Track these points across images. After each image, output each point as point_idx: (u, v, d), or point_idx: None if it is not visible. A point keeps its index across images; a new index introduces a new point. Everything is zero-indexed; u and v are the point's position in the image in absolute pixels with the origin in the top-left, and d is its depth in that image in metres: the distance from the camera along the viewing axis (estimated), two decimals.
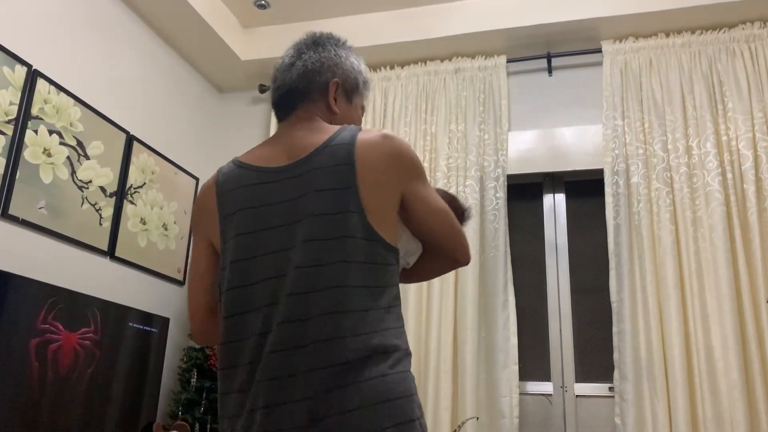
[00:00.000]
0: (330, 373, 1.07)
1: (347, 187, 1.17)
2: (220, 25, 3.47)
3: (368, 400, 1.06)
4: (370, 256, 1.16)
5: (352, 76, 1.38)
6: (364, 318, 1.12)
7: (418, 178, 1.27)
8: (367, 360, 1.09)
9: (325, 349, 1.08)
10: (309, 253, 1.14)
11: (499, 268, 3.12)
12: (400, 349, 1.15)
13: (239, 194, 1.26)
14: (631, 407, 2.79)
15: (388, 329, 1.14)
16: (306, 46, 1.37)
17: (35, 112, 2.57)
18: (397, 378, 1.11)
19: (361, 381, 1.07)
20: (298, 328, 1.11)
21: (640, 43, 3.24)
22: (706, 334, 2.76)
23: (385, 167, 1.21)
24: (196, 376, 3.07)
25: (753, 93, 3.00)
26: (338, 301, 1.11)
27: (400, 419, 1.07)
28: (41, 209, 2.57)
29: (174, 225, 3.43)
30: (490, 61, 3.44)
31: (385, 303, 1.16)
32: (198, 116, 3.78)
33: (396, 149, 1.24)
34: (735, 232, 2.85)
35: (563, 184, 3.41)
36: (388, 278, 1.18)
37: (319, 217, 1.16)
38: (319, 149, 1.22)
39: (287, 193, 1.21)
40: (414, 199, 1.25)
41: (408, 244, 1.33)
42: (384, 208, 1.20)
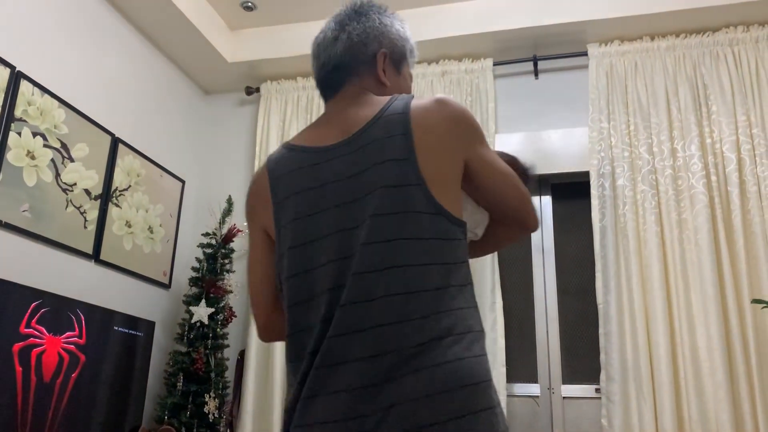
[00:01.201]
0: (395, 358, 0.98)
1: (405, 157, 1.09)
2: (207, 26, 3.45)
3: (444, 386, 0.96)
4: (437, 231, 1.07)
5: (399, 45, 1.30)
6: (433, 298, 1.03)
7: (479, 141, 1.18)
8: (439, 343, 1.00)
9: (389, 333, 1.00)
10: (374, 230, 1.06)
11: (486, 270, 3.13)
12: (474, 330, 1.05)
13: (293, 177, 1.19)
14: (617, 408, 2.81)
15: (461, 309, 1.05)
16: (348, 18, 1.28)
17: (19, 114, 2.54)
18: (474, 362, 1.01)
19: (435, 365, 0.98)
20: (361, 309, 1.03)
21: (625, 47, 3.27)
22: (691, 335, 2.79)
23: (443, 133, 1.12)
24: (183, 380, 3.04)
25: (736, 96, 3.03)
26: (404, 281, 1.03)
27: (481, 406, 0.98)
28: (25, 212, 2.54)
29: (160, 228, 3.40)
30: (477, 64, 3.45)
31: (456, 281, 1.07)
32: (184, 118, 3.76)
33: (453, 113, 1.15)
34: (719, 234, 2.88)
35: (549, 187, 3.43)
36: (457, 254, 1.09)
37: (380, 191, 1.08)
38: (372, 121, 1.15)
39: (343, 170, 1.13)
40: (478, 163, 1.17)
41: (474, 215, 1.25)
42: (446, 178, 1.11)
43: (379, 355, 0.99)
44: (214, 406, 3.04)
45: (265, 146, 3.63)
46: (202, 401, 3.02)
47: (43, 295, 2.39)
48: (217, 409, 3.05)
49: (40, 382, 2.32)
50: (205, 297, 3.19)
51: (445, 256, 1.07)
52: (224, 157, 3.84)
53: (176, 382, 3.04)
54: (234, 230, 3.39)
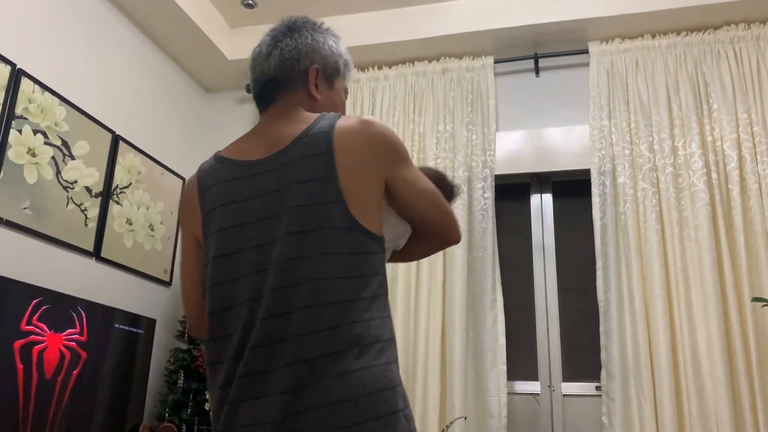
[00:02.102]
0: (310, 366, 1.06)
1: (326, 177, 1.14)
2: (207, 24, 3.45)
3: (349, 393, 1.04)
4: (352, 246, 1.13)
5: (332, 60, 1.34)
6: (346, 309, 1.10)
7: (401, 161, 1.23)
8: (348, 352, 1.07)
9: (305, 343, 1.07)
10: (289, 247, 1.12)
11: (487, 268, 3.13)
12: (382, 340, 1.12)
13: (219, 189, 1.24)
14: (618, 406, 2.81)
15: (372, 319, 1.12)
16: (282, 34, 1.34)
17: (19, 112, 2.55)
18: (379, 370, 1.09)
19: (342, 374, 1.05)
20: (280, 322, 1.09)
21: (626, 44, 3.27)
22: (691, 332, 2.79)
23: (365, 154, 1.18)
24: (183, 377, 3.05)
25: (737, 94, 3.03)
26: (319, 294, 1.09)
27: (383, 411, 1.05)
28: (26, 209, 2.54)
29: (160, 225, 3.41)
30: (478, 62, 3.45)
31: (369, 293, 1.13)
32: (185, 116, 3.76)
33: (376, 134, 1.20)
34: (720, 231, 2.88)
35: (550, 185, 3.43)
36: (371, 267, 1.16)
37: (299, 209, 1.14)
38: (298, 139, 1.19)
39: (266, 186, 1.19)
40: (399, 183, 1.23)
41: (396, 227, 1.31)
42: (366, 196, 1.17)
43: (295, 363, 1.06)
44: None
45: None
46: (203, 398, 3.02)
47: (44, 293, 2.39)
48: None
49: (41, 379, 2.32)
50: None
51: (359, 269, 1.14)
52: None
53: (177, 379, 3.05)
54: None
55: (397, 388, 1.11)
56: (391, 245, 1.34)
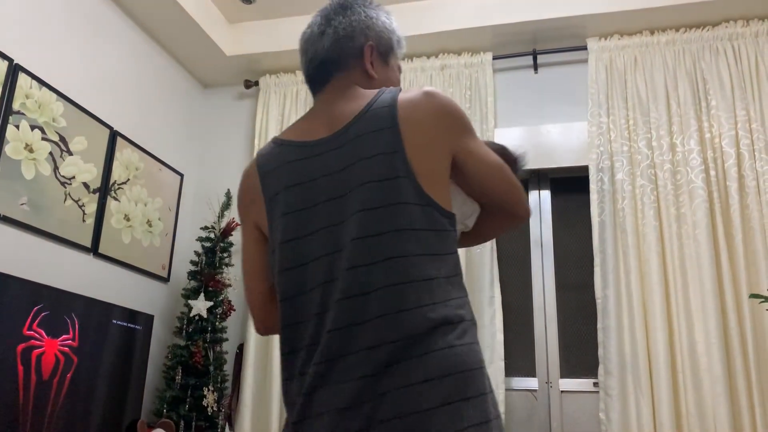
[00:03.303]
0: (393, 349, 1.00)
1: (394, 151, 1.09)
2: (206, 20, 3.44)
3: (435, 373, 0.98)
4: (428, 222, 1.08)
5: (386, 37, 1.30)
6: (427, 288, 1.04)
7: (467, 133, 1.18)
8: (433, 332, 1.01)
9: (388, 324, 1.01)
10: (364, 224, 1.07)
11: (485, 265, 3.13)
12: (465, 320, 1.07)
13: (282, 172, 1.19)
14: (615, 402, 2.82)
15: (452, 299, 1.07)
16: (334, 12, 1.29)
17: (17, 107, 2.54)
18: (466, 349, 1.03)
19: (426, 353, 0.99)
20: (358, 303, 1.04)
21: (625, 41, 3.26)
22: (689, 329, 2.79)
23: (431, 126, 1.13)
24: (181, 373, 3.05)
25: (736, 91, 3.03)
26: (400, 272, 1.04)
27: (471, 392, 1.00)
28: (23, 205, 2.54)
29: (158, 221, 3.40)
30: (476, 58, 3.45)
31: (447, 272, 1.08)
32: (183, 112, 3.75)
33: (441, 106, 1.15)
34: (718, 228, 2.88)
35: (548, 181, 3.43)
36: (448, 245, 1.10)
37: (369, 185, 1.09)
38: (360, 115, 1.15)
39: (332, 165, 1.14)
40: (467, 156, 1.17)
41: (463, 206, 1.25)
42: (435, 170, 1.12)
43: (378, 346, 1.01)
44: (213, 399, 3.04)
45: (264, 140, 3.62)
46: (201, 394, 3.02)
47: (42, 289, 2.39)
48: (215, 402, 3.06)
49: (39, 380, 2.34)
50: (204, 291, 3.19)
51: (436, 247, 1.08)
52: (223, 150, 3.83)
53: (175, 375, 3.05)
54: (233, 224, 3.39)
55: (483, 369, 1.05)
56: (460, 226, 1.27)
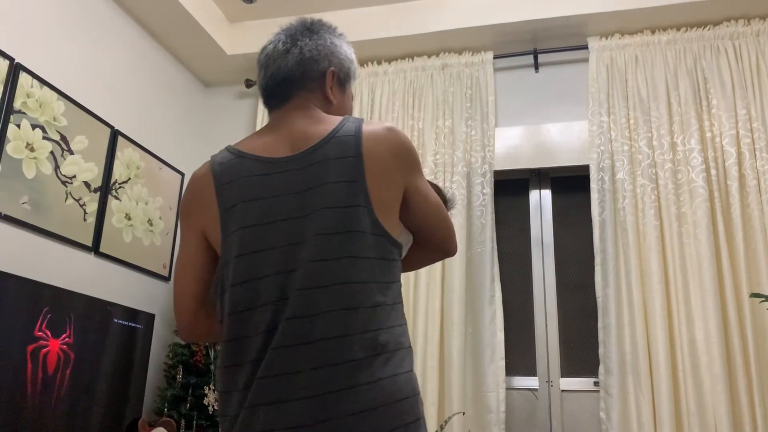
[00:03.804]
0: (337, 371, 1.05)
1: (355, 180, 1.14)
2: (206, 19, 3.44)
3: (378, 402, 1.04)
4: (379, 251, 1.14)
5: (346, 65, 1.36)
6: (372, 315, 1.10)
7: (418, 171, 1.26)
8: (375, 359, 1.07)
9: (332, 347, 1.06)
10: (321, 248, 1.11)
11: (485, 264, 3.13)
12: (403, 347, 1.13)
13: (241, 185, 1.19)
14: (616, 401, 2.82)
15: (395, 326, 1.13)
16: (300, 33, 1.32)
17: (18, 106, 2.54)
18: (405, 378, 1.10)
19: (371, 382, 1.05)
20: (306, 324, 1.07)
21: (626, 40, 3.26)
22: (690, 328, 2.79)
23: (390, 161, 1.19)
24: (182, 372, 3.05)
25: (737, 90, 3.03)
26: (349, 297, 1.09)
27: (409, 419, 1.07)
28: (24, 204, 2.54)
29: (159, 220, 3.40)
30: (477, 57, 3.45)
31: (391, 299, 1.14)
32: (184, 111, 3.75)
33: (401, 143, 1.22)
34: (719, 228, 2.88)
35: (549, 180, 3.43)
36: (393, 274, 1.17)
37: (329, 210, 1.13)
38: (326, 139, 1.19)
39: (295, 184, 1.16)
40: (415, 192, 1.25)
41: (400, 237, 1.30)
42: (389, 202, 1.18)
43: (322, 367, 1.05)
44: (214, 398, 3.05)
45: None
46: (202, 393, 3.02)
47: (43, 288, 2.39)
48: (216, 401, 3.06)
49: (45, 376, 2.36)
50: None
51: (384, 275, 1.14)
52: None
53: (176, 374, 3.05)
54: None
55: (418, 396, 1.12)
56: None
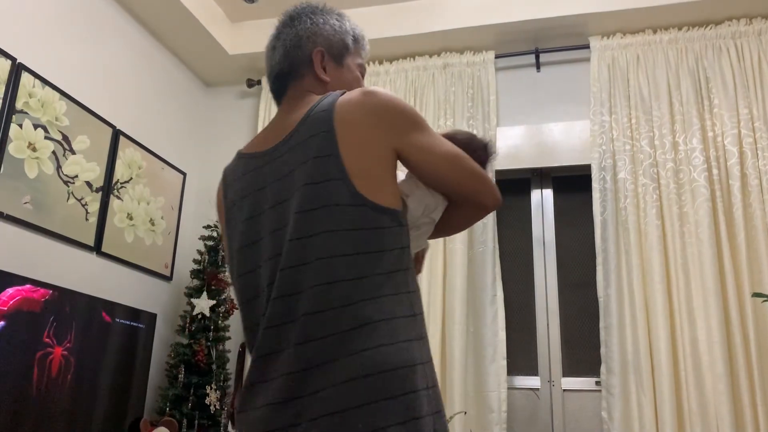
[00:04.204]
0: (319, 346, 1.03)
1: (328, 154, 1.12)
2: (208, 19, 3.44)
3: (359, 372, 1.00)
4: (359, 221, 1.09)
5: (337, 39, 1.32)
6: (355, 287, 1.06)
7: (410, 128, 1.18)
8: (359, 331, 1.03)
9: (314, 322, 1.05)
10: (299, 226, 1.10)
11: (487, 263, 3.13)
12: (397, 317, 1.07)
13: (238, 184, 1.27)
14: (617, 401, 2.81)
15: (384, 296, 1.08)
16: (283, 25, 1.34)
17: (20, 106, 2.54)
18: (394, 348, 1.04)
19: (352, 353, 1.02)
20: (289, 302, 1.08)
21: (627, 39, 3.26)
22: (691, 328, 2.79)
23: (367, 126, 1.14)
24: (184, 371, 3.05)
25: (739, 89, 3.02)
26: (327, 272, 1.07)
27: (398, 391, 1.01)
28: (26, 204, 2.54)
29: (161, 220, 3.41)
30: (479, 57, 3.44)
31: (382, 269, 1.09)
32: (185, 111, 3.76)
33: (379, 104, 1.16)
34: (720, 227, 2.88)
35: (551, 180, 3.43)
36: (384, 242, 1.11)
37: (304, 188, 1.12)
38: (301, 122, 1.19)
39: (276, 172, 1.19)
40: (411, 151, 1.18)
41: (424, 198, 1.24)
42: (373, 170, 1.13)
43: (306, 342, 1.04)
44: (216, 397, 3.05)
45: None
46: (204, 393, 3.03)
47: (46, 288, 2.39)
48: (218, 400, 3.06)
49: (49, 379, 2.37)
50: (207, 289, 3.19)
51: (369, 245, 1.09)
52: (225, 149, 3.84)
53: (178, 373, 3.05)
54: None
55: (416, 367, 1.05)
56: (426, 219, 1.27)
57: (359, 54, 1.37)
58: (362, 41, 1.38)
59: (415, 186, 1.24)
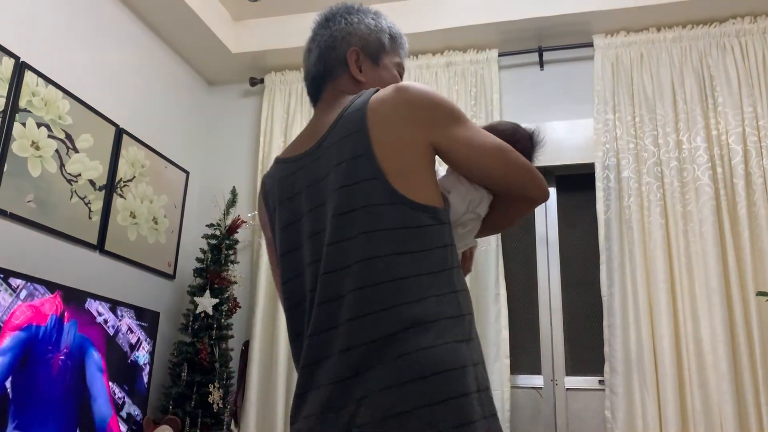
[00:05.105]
0: (364, 352, 1.00)
1: (361, 154, 1.09)
2: (211, 17, 3.44)
3: (407, 376, 0.97)
4: (399, 221, 1.06)
5: (372, 38, 1.30)
6: (398, 289, 1.03)
7: (446, 121, 1.14)
8: (406, 332, 1.00)
9: (359, 327, 1.02)
10: (336, 230, 1.08)
11: (490, 262, 3.13)
12: (444, 317, 1.03)
13: (276, 189, 1.26)
14: (621, 400, 2.81)
15: (429, 297, 1.04)
16: (318, 27, 1.33)
17: (23, 105, 2.55)
18: (442, 350, 1.00)
19: (399, 356, 0.98)
20: (332, 308, 1.06)
21: (631, 38, 3.25)
22: (695, 327, 2.78)
23: (401, 121, 1.11)
24: (187, 370, 3.06)
25: (743, 88, 3.01)
26: (369, 275, 1.03)
27: (449, 394, 0.97)
28: (29, 203, 2.55)
29: (164, 219, 3.41)
30: (482, 55, 3.44)
31: (426, 268, 1.05)
32: (188, 109, 3.76)
33: (411, 99, 1.13)
34: (725, 226, 2.87)
35: (554, 179, 3.42)
36: (426, 241, 1.07)
37: (340, 190, 1.10)
38: (334, 124, 1.17)
39: (312, 176, 1.18)
40: (450, 146, 1.14)
41: (469, 194, 1.21)
42: (409, 166, 1.10)
43: (351, 348, 1.02)
44: (219, 396, 3.05)
45: (269, 137, 3.62)
46: (207, 391, 3.03)
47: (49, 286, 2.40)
48: (221, 399, 3.07)
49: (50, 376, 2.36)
50: (210, 288, 3.19)
51: (411, 244, 1.06)
52: (228, 148, 3.84)
53: (181, 372, 3.05)
54: (238, 221, 3.39)
55: (467, 369, 1.01)
56: (471, 215, 1.23)
57: (397, 53, 1.35)
58: (400, 39, 1.36)
59: (457, 181, 1.20)
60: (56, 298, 2.39)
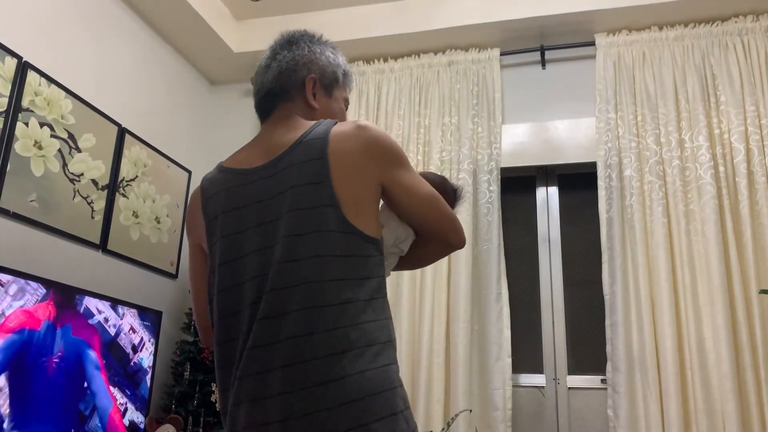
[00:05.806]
0: (306, 369, 1.07)
1: (321, 181, 1.16)
2: (213, 17, 3.45)
3: (349, 396, 1.05)
4: (347, 248, 1.15)
5: (330, 70, 1.38)
6: (341, 312, 1.11)
7: (397, 165, 1.25)
8: (344, 355, 1.08)
9: (301, 345, 1.08)
10: (288, 249, 1.14)
11: (492, 261, 3.13)
12: (378, 342, 1.13)
13: (221, 197, 1.28)
14: (623, 399, 2.81)
15: (367, 322, 1.13)
16: (280, 47, 1.38)
17: (26, 105, 2.55)
18: (378, 372, 1.10)
19: (341, 377, 1.06)
20: (276, 323, 1.11)
21: (633, 36, 3.25)
22: (698, 326, 2.78)
23: (359, 158, 1.20)
24: (190, 369, 3.06)
25: (745, 86, 3.01)
26: (314, 296, 1.11)
27: (383, 413, 1.07)
28: (32, 202, 2.55)
29: (167, 218, 3.41)
30: (484, 54, 3.44)
31: (365, 295, 1.15)
32: (190, 109, 3.76)
33: (370, 139, 1.22)
34: (727, 225, 2.86)
35: (556, 177, 3.42)
36: (367, 270, 1.17)
37: (295, 212, 1.16)
38: (294, 145, 1.23)
39: (265, 191, 1.22)
40: (394, 187, 1.24)
41: (397, 231, 1.32)
42: (361, 200, 1.19)
43: (291, 365, 1.07)
44: None
45: None
46: (209, 390, 3.03)
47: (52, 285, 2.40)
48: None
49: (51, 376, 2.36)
50: None
51: (355, 272, 1.15)
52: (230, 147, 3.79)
53: (183, 371, 3.06)
54: None
55: (396, 390, 1.12)
56: (395, 249, 1.35)
57: (345, 88, 1.44)
58: (350, 77, 1.46)
59: (389, 217, 1.31)
60: (49, 303, 2.39)
